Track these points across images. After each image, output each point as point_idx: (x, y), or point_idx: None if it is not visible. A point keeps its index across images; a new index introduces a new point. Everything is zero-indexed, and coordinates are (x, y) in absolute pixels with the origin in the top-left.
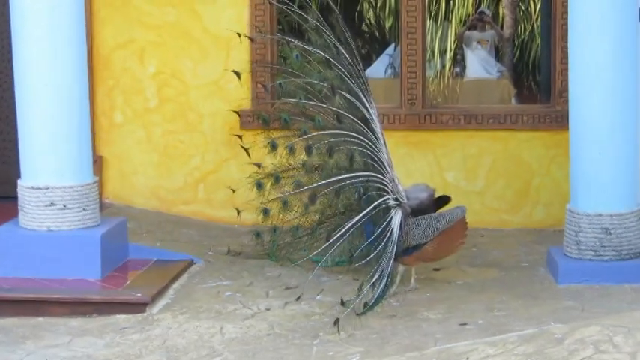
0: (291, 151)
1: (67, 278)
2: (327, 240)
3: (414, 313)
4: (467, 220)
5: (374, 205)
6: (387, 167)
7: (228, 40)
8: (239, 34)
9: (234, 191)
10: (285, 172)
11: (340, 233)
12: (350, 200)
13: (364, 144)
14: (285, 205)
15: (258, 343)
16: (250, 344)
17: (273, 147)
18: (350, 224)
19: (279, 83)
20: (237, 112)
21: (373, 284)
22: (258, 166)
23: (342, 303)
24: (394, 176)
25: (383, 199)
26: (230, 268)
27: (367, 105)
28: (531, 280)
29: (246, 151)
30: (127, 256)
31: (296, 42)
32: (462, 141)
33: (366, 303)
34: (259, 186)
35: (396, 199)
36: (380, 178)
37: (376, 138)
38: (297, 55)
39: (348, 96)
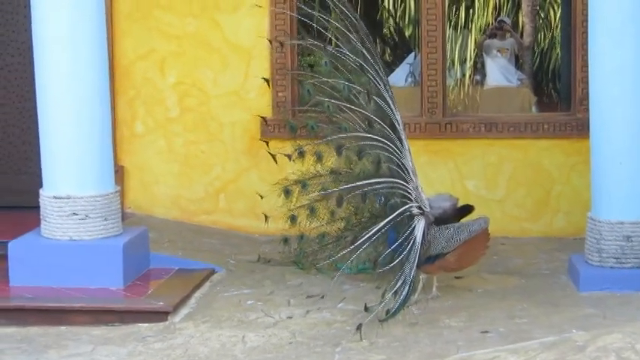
0: (319, 157)
1: (89, 287)
2: (353, 244)
3: (436, 321)
4: (489, 231)
5: (398, 212)
6: (412, 174)
7: (249, 49)
8: (270, 40)
9: (262, 197)
10: (313, 178)
11: (365, 237)
12: (374, 207)
13: (391, 150)
14: (312, 211)
15: (279, 352)
16: (272, 353)
17: (300, 154)
18: (375, 229)
19: (308, 90)
20: (263, 118)
21: (396, 292)
22: (290, 157)
23: (366, 309)
24: (418, 184)
25: (407, 206)
26: (251, 276)
27: (393, 111)
28: (552, 287)
29: (274, 157)
30: (149, 266)
31: (331, 48)
32: (483, 149)
33: (388, 310)
34: (287, 193)
35: (419, 207)
36: (404, 185)
37: (401, 144)
38: (325, 61)
39: (379, 101)
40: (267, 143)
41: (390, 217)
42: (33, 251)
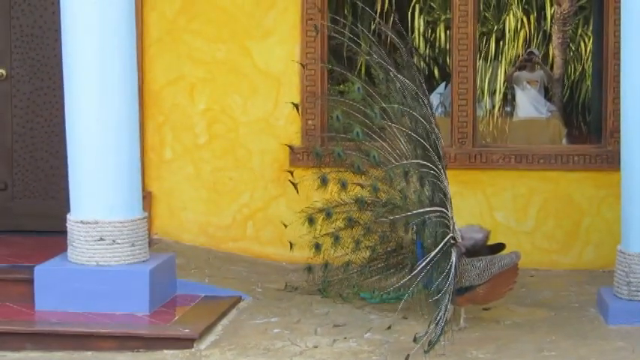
0: (343, 186)
1: (115, 313)
2: (411, 272)
3: (463, 353)
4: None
5: (445, 241)
6: (450, 203)
7: (279, 76)
8: (302, 65)
9: (286, 226)
10: (337, 207)
11: (422, 265)
12: (400, 236)
13: (437, 176)
14: (336, 240)
15: None
16: None
17: (323, 182)
18: (430, 257)
19: (337, 116)
20: (289, 146)
21: (437, 322)
22: (320, 165)
23: (415, 340)
24: (452, 214)
25: (449, 236)
26: (278, 305)
27: (438, 137)
28: (581, 320)
29: (295, 185)
30: (175, 292)
31: (392, 73)
32: (512, 180)
33: (430, 341)
34: (311, 221)
35: (453, 238)
36: (447, 214)
37: (445, 175)
38: (358, 87)
39: (427, 125)
40: (291, 173)
41: (439, 247)
42: (59, 276)
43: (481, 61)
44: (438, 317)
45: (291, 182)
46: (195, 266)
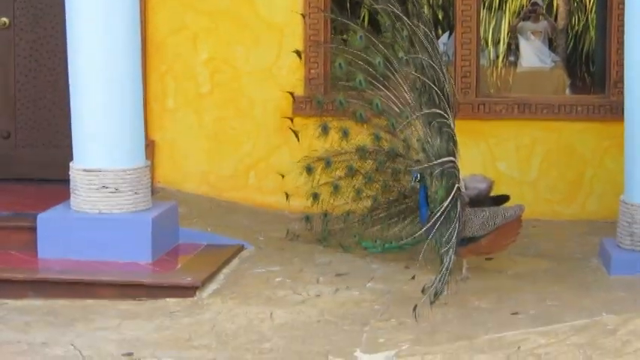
0: (345, 134)
1: (117, 261)
2: (424, 225)
3: (465, 303)
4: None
5: (455, 190)
6: (457, 152)
7: (282, 25)
8: (303, 15)
9: (283, 176)
10: (337, 156)
11: (435, 218)
12: (403, 186)
13: (452, 128)
14: (336, 189)
15: (307, 330)
16: (300, 330)
17: (324, 130)
18: (442, 209)
19: (339, 64)
20: (291, 94)
21: (444, 273)
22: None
23: (423, 291)
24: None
25: (456, 186)
26: (280, 254)
27: (444, 81)
28: (583, 271)
29: (296, 134)
30: (178, 241)
31: (405, 19)
32: (515, 130)
33: (435, 292)
34: (309, 170)
35: (458, 188)
36: (456, 164)
37: (454, 123)
38: (360, 36)
39: (438, 71)
40: (291, 120)
41: (450, 198)
42: (62, 224)
43: (485, 10)
44: (444, 268)
45: (292, 130)
46: (198, 215)
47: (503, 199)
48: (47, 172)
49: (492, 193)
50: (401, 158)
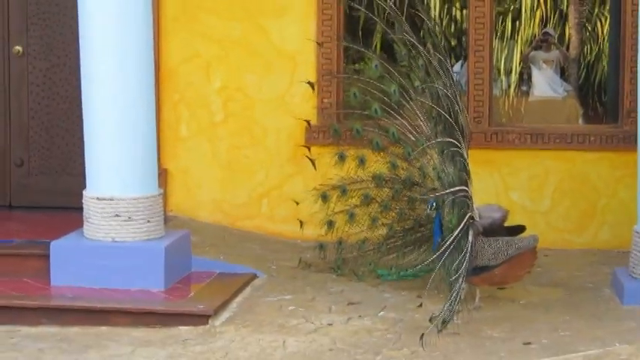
0: (362, 162)
1: (130, 289)
2: (431, 250)
3: (478, 332)
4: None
5: (465, 220)
6: (470, 181)
7: (294, 54)
8: (318, 43)
9: (297, 204)
10: (353, 184)
11: (445, 246)
12: (418, 214)
13: (464, 157)
14: (351, 217)
15: (320, 358)
16: (312, 359)
17: (341, 158)
18: (452, 237)
19: (354, 93)
20: (307, 122)
21: (452, 301)
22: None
23: (430, 320)
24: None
25: (468, 215)
26: (293, 282)
27: (459, 110)
28: (596, 300)
29: (312, 162)
30: (190, 269)
31: (420, 49)
32: (528, 160)
33: (444, 320)
34: (324, 198)
35: (471, 217)
36: (468, 193)
37: (467, 153)
38: (376, 65)
39: (452, 100)
40: (308, 149)
41: (461, 227)
42: (75, 252)
43: (497, 40)
44: (452, 296)
45: (308, 158)
46: (210, 243)
47: (519, 229)
48: (60, 200)
49: (508, 223)
50: (417, 187)
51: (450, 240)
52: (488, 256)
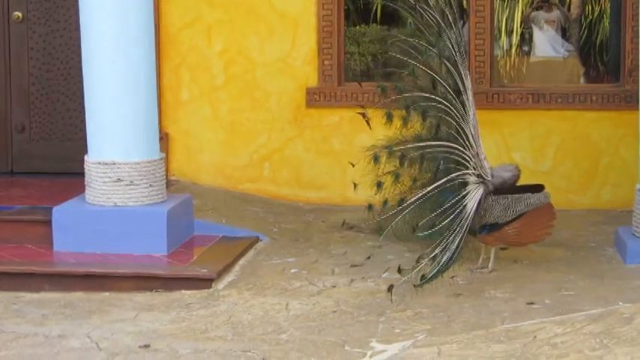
0: (405, 121)
1: (133, 254)
2: (399, 205)
3: (481, 292)
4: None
5: (448, 177)
6: (472, 141)
7: (296, 17)
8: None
9: (353, 165)
10: (398, 144)
11: (411, 201)
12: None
13: (452, 114)
14: (396, 178)
15: (323, 320)
16: (316, 321)
17: (389, 118)
18: (422, 193)
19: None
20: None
21: (434, 257)
22: (363, 115)
23: (399, 271)
24: (479, 152)
25: (459, 172)
26: (296, 245)
27: (463, 76)
28: (599, 260)
29: (368, 122)
30: (193, 233)
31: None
32: (530, 120)
33: (423, 276)
34: (376, 159)
35: (478, 176)
36: (461, 151)
37: (465, 111)
38: (410, 22)
39: (449, 65)
40: (363, 115)
41: (440, 183)
42: (77, 217)
43: (498, 0)
44: (434, 252)
45: (363, 117)
46: (213, 207)
47: (539, 188)
48: (62, 166)
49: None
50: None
51: (421, 194)
52: (497, 213)
